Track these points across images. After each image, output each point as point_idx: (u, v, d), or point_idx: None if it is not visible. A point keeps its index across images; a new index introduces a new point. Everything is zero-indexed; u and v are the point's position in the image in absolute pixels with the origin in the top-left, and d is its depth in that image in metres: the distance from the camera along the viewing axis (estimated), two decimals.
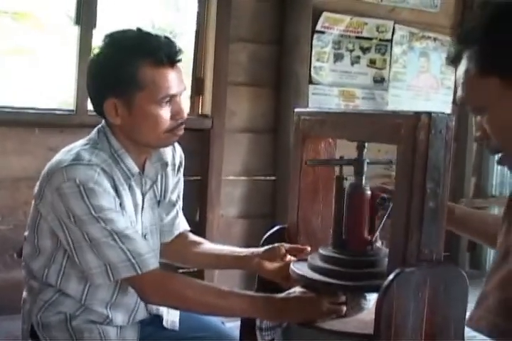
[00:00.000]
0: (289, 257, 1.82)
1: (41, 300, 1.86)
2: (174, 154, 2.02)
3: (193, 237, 2.14)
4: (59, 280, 1.84)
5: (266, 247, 1.87)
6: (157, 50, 1.75)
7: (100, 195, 1.72)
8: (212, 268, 2.19)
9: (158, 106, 1.77)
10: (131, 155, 1.84)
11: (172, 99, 1.79)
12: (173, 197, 2.05)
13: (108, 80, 1.78)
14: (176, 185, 2.05)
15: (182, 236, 2.12)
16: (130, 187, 1.84)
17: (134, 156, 1.85)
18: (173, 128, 1.82)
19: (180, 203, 2.10)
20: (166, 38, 1.80)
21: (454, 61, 1.38)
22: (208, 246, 2.08)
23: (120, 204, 1.79)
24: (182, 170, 2.07)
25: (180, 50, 1.80)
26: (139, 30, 1.81)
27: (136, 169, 1.84)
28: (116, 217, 1.73)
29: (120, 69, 1.75)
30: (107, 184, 1.75)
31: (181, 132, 1.86)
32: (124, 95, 1.77)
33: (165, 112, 1.79)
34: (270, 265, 1.83)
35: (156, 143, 1.85)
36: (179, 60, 1.80)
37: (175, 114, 1.81)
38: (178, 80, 1.81)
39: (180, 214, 2.12)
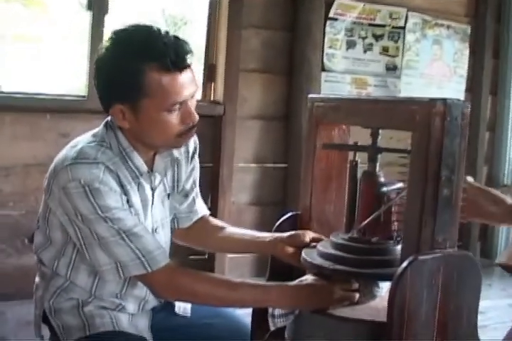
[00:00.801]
0: (313, 245, 1.81)
1: (53, 287, 1.86)
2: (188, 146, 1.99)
3: (214, 222, 2.13)
4: (69, 273, 1.84)
5: (290, 233, 1.86)
6: (163, 56, 1.66)
7: (106, 194, 1.69)
8: (234, 252, 2.19)
9: (167, 113, 1.71)
10: (140, 152, 1.81)
11: (182, 104, 1.72)
12: (187, 186, 2.03)
13: (114, 86, 1.71)
14: (190, 172, 2.02)
15: (202, 220, 2.11)
16: (139, 184, 1.82)
17: (143, 152, 1.82)
18: (182, 133, 1.76)
19: (196, 189, 2.08)
20: (175, 38, 1.71)
21: None
22: (230, 230, 2.06)
23: (128, 202, 1.77)
24: (197, 156, 2.04)
25: (189, 53, 1.71)
26: (146, 29, 1.72)
27: (144, 168, 1.81)
28: (123, 216, 1.71)
29: (126, 75, 1.68)
30: (112, 182, 1.72)
31: (192, 135, 1.81)
32: (130, 101, 1.70)
33: (174, 118, 1.72)
34: (294, 250, 1.83)
35: (165, 146, 1.81)
36: (189, 65, 1.71)
37: (185, 119, 1.74)
38: (189, 84, 1.71)
39: (198, 199, 2.10)
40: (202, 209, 2.12)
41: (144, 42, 1.68)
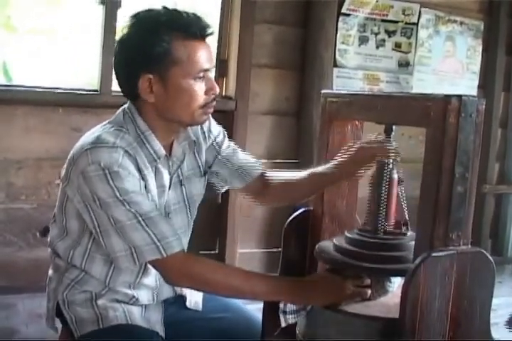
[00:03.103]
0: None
1: (67, 279, 1.87)
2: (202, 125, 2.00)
3: (275, 176, 2.11)
4: (84, 263, 1.85)
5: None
6: (189, 25, 1.75)
7: (125, 177, 1.71)
8: (316, 189, 2.02)
9: (193, 81, 1.76)
10: (159, 137, 1.83)
11: (205, 74, 1.78)
12: (210, 160, 2.04)
13: (142, 57, 1.76)
14: (211, 147, 2.03)
15: (264, 178, 2.10)
16: (156, 169, 1.83)
17: (162, 137, 1.84)
18: (206, 103, 1.80)
19: (228, 150, 2.08)
20: (194, 13, 1.79)
21: None
22: (297, 174, 2.01)
23: (145, 187, 1.78)
24: (214, 127, 2.05)
25: (209, 24, 1.79)
26: (164, 8, 1.80)
27: (162, 151, 1.83)
28: (141, 200, 1.72)
29: (154, 46, 1.73)
30: (131, 166, 1.74)
31: (212, 110, 1.84)
32: (159, 71, 1.75)
33: (199, 87, 1.78)
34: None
35: (189, 120, 1.83)
36: (211, 33, 1.80)
37: (208, 89, 1.80)
38: (210, 55, 1.80)
39: (238, 156, 2.10)
40: (252, 167, 2.10)
41: (169, 16, 1.77)
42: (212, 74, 1.83)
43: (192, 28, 1.75)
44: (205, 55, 1.78)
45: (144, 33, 1.76)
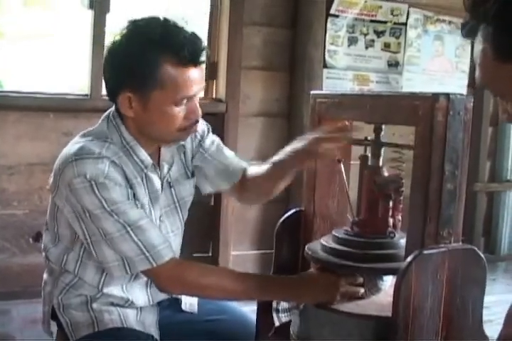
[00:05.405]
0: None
1: (62, 283, 1.87)
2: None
3: (249, 172, 2.09)
4: (77, 269, 1.85)
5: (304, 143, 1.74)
6: (181, 49, 1.67)
7: (112, 188, 1.70)
8: (287, 177, 1.92)
9: (174, 106, 1.72)
10: (144, 146, 1.81)
11: (189, 99, 1.74)
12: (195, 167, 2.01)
13: (126, 74, 1.72)
14: (197, 150, 2.00)
15: (244, 177, 2.07)
16: (146, 176, 1.83)
17: (147, 146, 1.82)
18: (186, 127, 1.77)
19: (211, 151, 2.03)
20: (192, 34, 1.71)
21: (468, 35, 1.18)
22: (262, 168, 1.98)
23: (134, 195, 1.78)
24: (208, 138, 2.03)
25: (204, 50, 1.73)
26: (165, 21, 1.72)
27: (149, 161, 1.82)
28: (129, 209, 1.72)
29: (141, 65, 1.68)
30: (117, 176, 1.72)
31: (194, 130, 1.82)
32: (140, 91, 1.71)
33: (179, 112, 1.73)
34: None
35: (167, 139, 1.81)
36: (203, 61, 1.73)
37: (189, 114, 1.75)
38: (199, 80, 1.74)
39: (229, 160, 2.08)
40: (237, 167, 2.08)
41: (164, 34, 1.69)
42: (197, 98, 1.77)
43: (184, 53, 1.67)
44: (193, 81, 1.71)
45: (132, 50, 1.70)
